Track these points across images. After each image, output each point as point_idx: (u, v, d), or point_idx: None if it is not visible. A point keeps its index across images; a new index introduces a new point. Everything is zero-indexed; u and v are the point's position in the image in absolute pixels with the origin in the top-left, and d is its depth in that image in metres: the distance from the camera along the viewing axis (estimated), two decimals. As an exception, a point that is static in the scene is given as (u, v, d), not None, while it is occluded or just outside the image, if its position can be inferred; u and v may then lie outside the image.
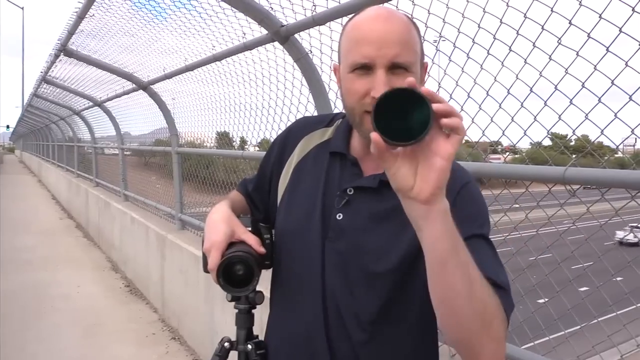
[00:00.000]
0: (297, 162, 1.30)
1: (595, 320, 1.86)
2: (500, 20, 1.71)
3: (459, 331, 0.94)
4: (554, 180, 1.66)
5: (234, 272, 1.12)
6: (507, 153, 2.41)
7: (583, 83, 1.55)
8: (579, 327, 1.91)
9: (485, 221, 1.11)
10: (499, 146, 2.27)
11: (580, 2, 1.47)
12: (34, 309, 5.43)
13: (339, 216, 1.18)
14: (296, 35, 2.55)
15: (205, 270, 1.22)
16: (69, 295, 5.92)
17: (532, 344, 1.98)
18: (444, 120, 0.81)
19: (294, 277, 1.24)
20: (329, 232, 1.19)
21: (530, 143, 1.98)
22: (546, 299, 1.94)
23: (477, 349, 0.94)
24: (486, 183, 2.13)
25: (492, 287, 0.94)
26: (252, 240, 1.18)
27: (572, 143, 2.25)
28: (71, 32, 4.57)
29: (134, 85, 5.46)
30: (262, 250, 1.18)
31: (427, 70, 1.20)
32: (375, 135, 0.81)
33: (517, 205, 2.18)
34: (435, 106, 0.80)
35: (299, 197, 1.27)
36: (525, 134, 1.81)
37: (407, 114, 0.81)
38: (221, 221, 1.19)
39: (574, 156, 1.79)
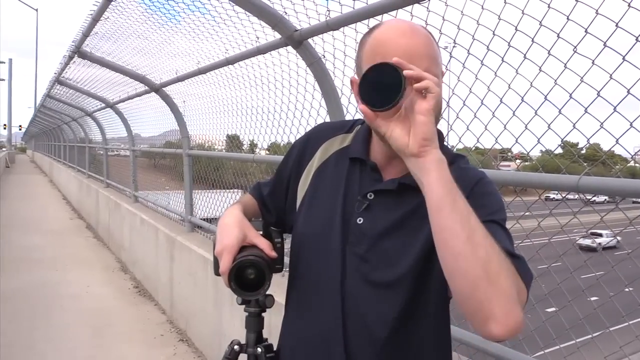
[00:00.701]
0: (318, 167, 1.31)
1: (607, 330, 1.85)
2: (515, 27, 1.71)
3: (465, 285, 0.95)
4: (567, 189, 1.65)
5: (245, 276, 1.13)
6: (518, 160, 2.40)
7: (599, 92, 1.54)
8: (590, 336, 1.89)
9: (499, 209, 1.12)
10: (510, 153, 2.26)
11: (597, 10, 1.47)
12: (43, 308, 5.47)
13: (360, 220, 1.19)
14: (309, 40, 2.56)
15: (217, 273, 1.23)
16: (79, 295, 5.96)
17: (542, 352, 1.97)
18: (416, 84, 0.96)
19: (312, 280, 1.24)
20: (350, 236, 1.20)
21: (541, 150, 1.97)
22: (557, 308, 1.93)
23: (487, 307, 0.93)
24: (499, 190, 2.13)
25: (507, 255, 0.98)
26: (264, 244, 1.19)
27: (584, 151, 2.25)
28: (85, 34, 4.61)
29: (146, 88, 5.49)
30: (273, 254, 1.19)
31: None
32: (362, 107, 0.99)
33: (529, 213, 2.17)
34: (406, 73, 0.96)
35: (319, 202, 1.28)
36: (538, 142, 1.81)
37: (389, 86, 0.97)
38: (233, 225, 1.20)
39: (585, 164, 1.79)
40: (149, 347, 4.60)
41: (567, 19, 1.56)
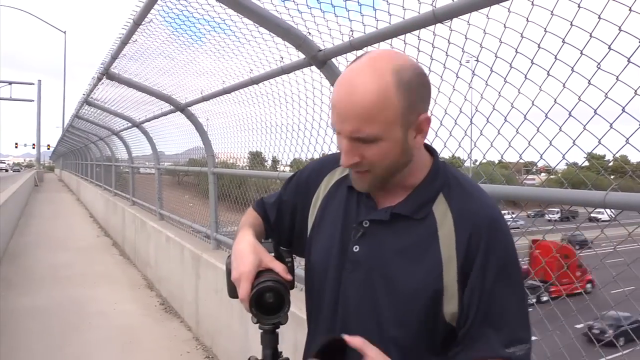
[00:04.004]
0: (323, 198, 1.36)
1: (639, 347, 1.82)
2: (538, 45, 1.72)
3: None
4: (594, 205, 1.64)
5: (264, 300, 1.17)
6: (543, 174, 2.39)
7: (623, 108, 1.55)
8: (620, 354, 1.87)
9: (510, 264, 1.11)
10: (534, 167, 2.26)
11: (620, 27, 1.48)
12: (72, 325, 5.56)
13: (356, 248, 1.22)
14: (333, 60, 2.60)
15: (231, 296, 1.30)
16: (106, 312, 6.04)
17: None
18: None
19: (317, 305, 1.28)
20: (346, 263, 1.22)
21: (567, 163, 1.97)
22: (584, 323, 1.91)
23: None
24: (524, 206, 2.13)
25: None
26: (279, 268, 1.22)
27: (610, 164, 2.23)
28: (114, 57, 4.73)
29: (171, 107, 5.59)
30: (289, 277, 1.23)
31: (428, 122, 1.15)
32: None
33: (554, 227, 2.16)
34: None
35: (323, 232, 1.32)
36: (563, 157, 1.81)
37: None
38: (248, 251, 1.24)
39: (612, 177, 1.78)
40: (175, 363, 4.64)
41: (590, 35, 1.57)
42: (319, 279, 1.29)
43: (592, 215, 1.92)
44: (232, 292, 1.28)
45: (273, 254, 1.28)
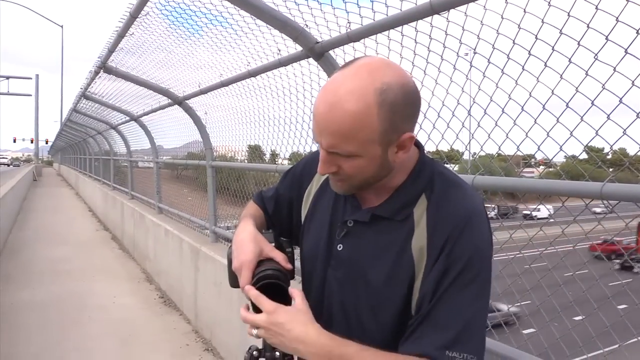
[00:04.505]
0: (315, 192, 1.37)
1: (636, 339, 1.83)
2: (536, 36, 1.72)
3: None
4: (590, 196, 1.64)
5: (267, 290, 1.18)
6: (542, 166, 2.39)
7: (620, 99, 1.54)
8: (617, 345, 1.88)
9: (472, 271, 1.07)
10: (533, 159, 2.26)
11: (617, 18, 1.47)
12: (72, 319, 5.57)
13: (340, 247, 1.23)
14: (331, 52, 2.59)
15: (232, 285, 1.32)
16: (106, 305, 6.05)
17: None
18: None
19: (307, 294, 1.28)
20: (331, 260, 1.25)
21: (565, 156, 1.97)
22: (583, 316, 1.92)
23: None
24: (521, 198, 2.13)
25: None
26: (280, 257, 1.25)
27: (609, 156, 2.23)
28: (111, 50, 4.71)
29: (169, 100, 5.58)
30: (289, 266, 1.26)
31: (412, 141, 1.12)
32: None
33: (552, 220, 2.16)
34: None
35: (314, 225, 1.34)
36: (561, 149, 1.81)
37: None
38: (249, 240, 1.26)
39: (610, 170, 1.78)
40: (175, 356, 4.65)
41: (588, 26, 1.56)
42: (309, 270, 1.33)
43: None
44: (234, 282, 1.30)
45: (273, 244, 1.30)
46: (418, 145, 1.22)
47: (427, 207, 1.13)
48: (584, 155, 1.98)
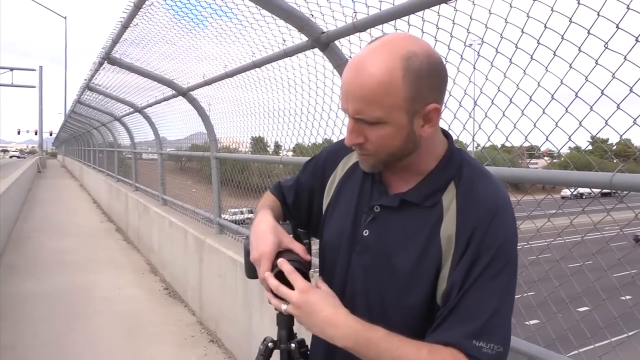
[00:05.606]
0: (339, 180, 1.36)
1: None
2: (545, 25, 1.70)
3: None
4: (600, 186, 1.63)
5: (284, 280, 1.18)
6: (547, 157, 2.37)
7: (631, 88, 1.52)
8: (626, 335, 1.87)
9: (501, 261, 1.08)
10: (538, 151, 2.24)
11: (628, 6, 1.45)
12: (77, 310, 5.59)
13: (365, 232, 1.23)
14: (336, 42, 2.57)
15: (249, 276, 1.31)
16: (111, 297, 6.07)
17: (577, 351, 1.95)
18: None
19: (327, 284, 1.27)
20: (356, 246, 1.24)
21: (570, 147, 1.95)
22: (591, 307, 1.91)
23: None
24: (529, 189, 2.11)
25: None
26: (299, 249, 1.25)
27: (614, 147, 2.22)
28: (115, 41, 4.70)
29: (173, 92, 5.57)
30: (308, 257, 1.25)
31: (439, 111, 1.12)
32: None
33: (561, 211, 2.15)
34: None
35: (338, 212, 1.33)
36: (569, 139, 1.79)
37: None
38: (268, 231, 1.25)
39: (616, 160, 1.76)
40: (180, 348, 4.67)
41: (598, 14, 1.54)
42: (331, 257, 1.31)
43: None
44: (251, 273, 1.29)
45: (292, 235, 1.29)
46: (447, 135, 1.23)
47: (455, 194, 1.14)
48: (589, 147, 1.97)
